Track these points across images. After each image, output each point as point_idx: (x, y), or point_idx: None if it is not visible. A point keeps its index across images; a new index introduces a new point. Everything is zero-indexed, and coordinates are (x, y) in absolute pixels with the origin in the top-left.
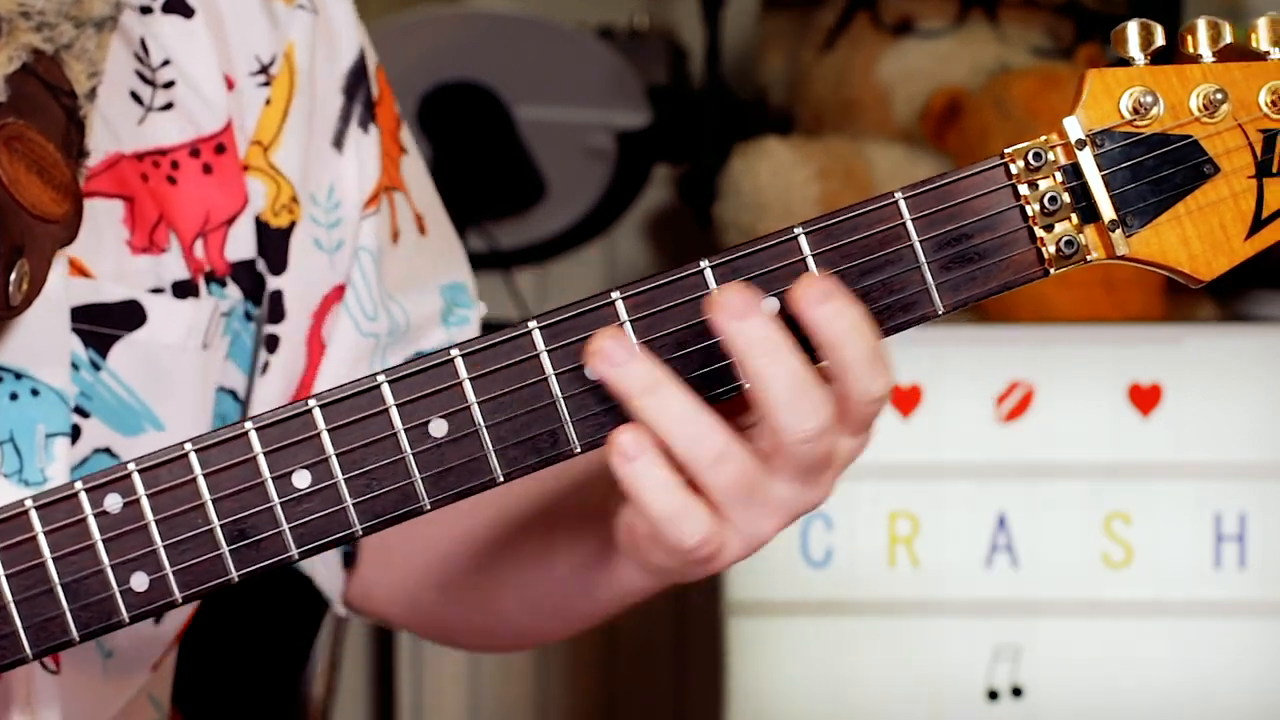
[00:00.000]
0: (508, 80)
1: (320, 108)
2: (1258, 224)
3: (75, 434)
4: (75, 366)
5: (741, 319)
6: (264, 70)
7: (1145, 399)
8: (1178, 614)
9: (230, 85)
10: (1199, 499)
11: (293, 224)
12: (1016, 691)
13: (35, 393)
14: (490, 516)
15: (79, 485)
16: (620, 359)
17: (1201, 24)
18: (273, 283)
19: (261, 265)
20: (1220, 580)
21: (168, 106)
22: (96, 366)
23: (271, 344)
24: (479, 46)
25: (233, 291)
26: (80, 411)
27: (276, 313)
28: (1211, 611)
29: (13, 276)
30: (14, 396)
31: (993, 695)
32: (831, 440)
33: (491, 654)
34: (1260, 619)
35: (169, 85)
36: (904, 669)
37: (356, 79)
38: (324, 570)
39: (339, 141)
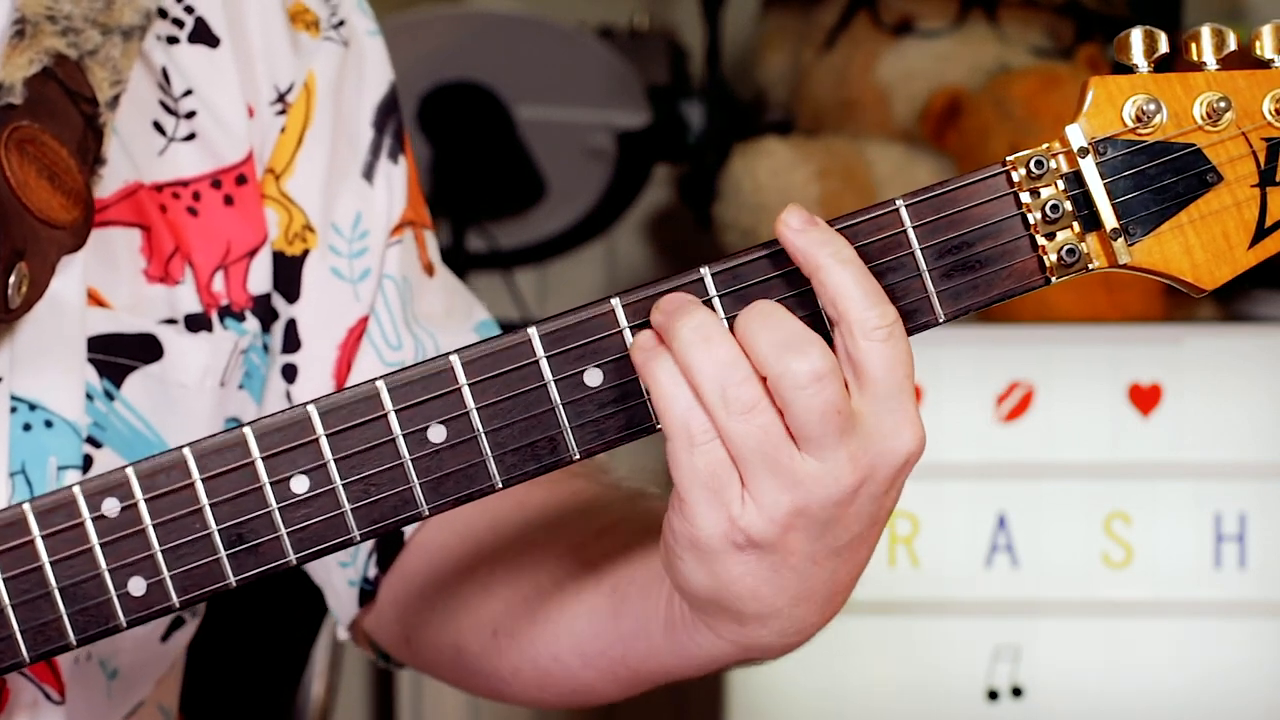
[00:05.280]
0: (508, 80)
1: (348, 139)
2: (1260, 233)
3: (87, 464)
4: (89, 397)
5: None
6: (281, 99)
7: (1145, 399)
8: (1178, 614)
9: (252, 114)
10: (1199, 499)
11: (306, 252)
12: (1016, 691)
13: (49, 424)
14: (558, 565)
15: (76, 489)
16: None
17: (1205, 31)
18: (287, 311)
19: (274, 295)
20: (1220, 580)
21: (190, 137)
22: (110, 397)
23: (289, 374)
24: (479, 46)
25: (252, 325)
26: (93, 442)
27: (292, 342)
28: (1211, 611)
29: (12, 279)
30: (27, 427)
31: (993, 695)
32: (835, 393)
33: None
34: (1260, 619)
35: (191, 115)
36: (904, 669)
37: (387, 112)
38: (335, 599)
39: (369, 173)
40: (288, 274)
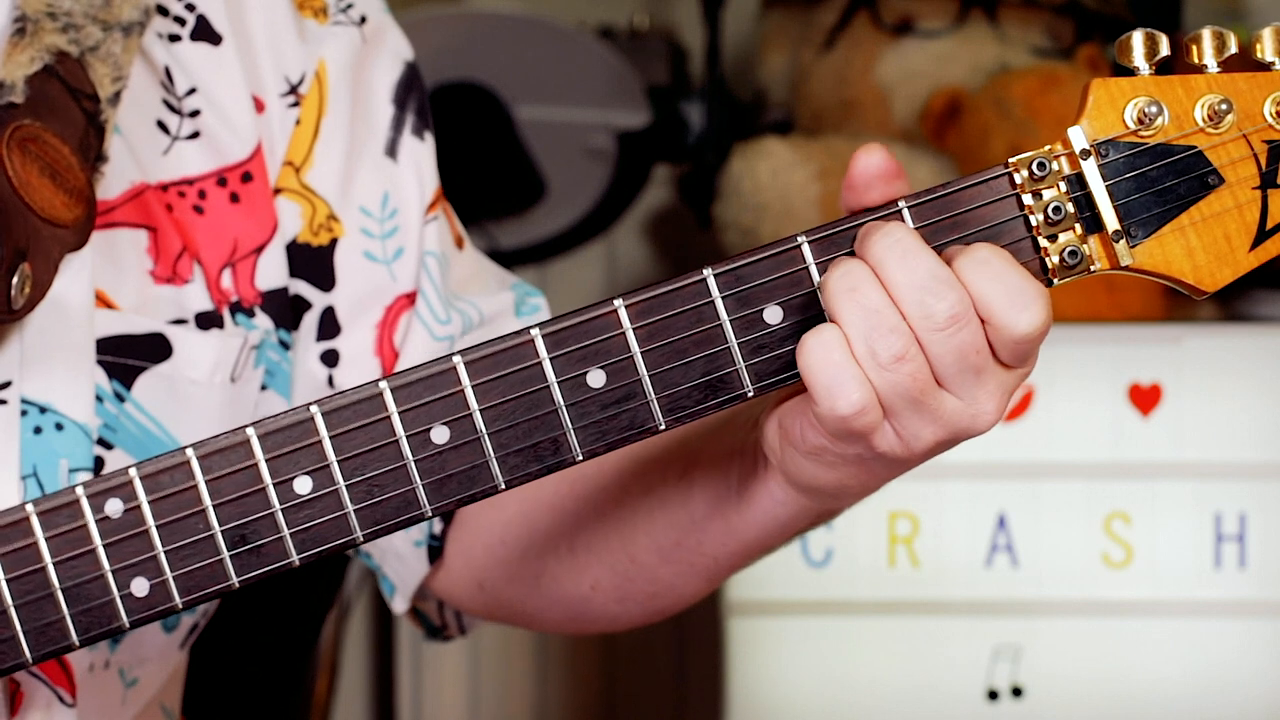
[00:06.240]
0: (508, 80)
1: (368, 119)
2: (1262, 235)
3: (98, 466)
4: (99, 399)
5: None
6: (293, 90)
7: (1145, 399)
8: (1178, 614)
9: (260, 108)
10: (1199, 499)
11: (334, 240)
12: (1016, 691)
13: (59, 427)
14: (621, 465)
15: (80, 490)
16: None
17: (1206, 34)
18: (322, 300)
19: (304, 287)
20: (1220, 580)
21: (194, 136)
22: (121, 398)
23: (330, 359)
24: (479, 46)
25: (262, 321)
26: (104, 443)
27: (330, 328)
28: (1211, 611)
29: (15, 280)
30: (38, 430)
31: (993, 695)
32: (972, 333)
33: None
34: (1260, 619)
35: (195, 114)
36: (904, 669)
37: (407, 88)
38: (398, 565)
39: (392, 150)
40: (317, 264)
